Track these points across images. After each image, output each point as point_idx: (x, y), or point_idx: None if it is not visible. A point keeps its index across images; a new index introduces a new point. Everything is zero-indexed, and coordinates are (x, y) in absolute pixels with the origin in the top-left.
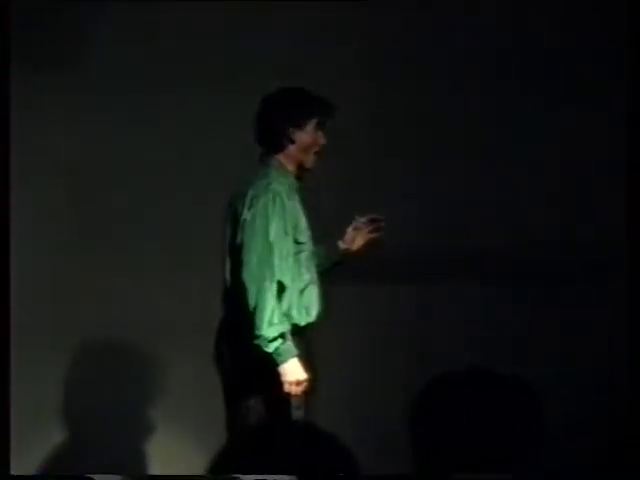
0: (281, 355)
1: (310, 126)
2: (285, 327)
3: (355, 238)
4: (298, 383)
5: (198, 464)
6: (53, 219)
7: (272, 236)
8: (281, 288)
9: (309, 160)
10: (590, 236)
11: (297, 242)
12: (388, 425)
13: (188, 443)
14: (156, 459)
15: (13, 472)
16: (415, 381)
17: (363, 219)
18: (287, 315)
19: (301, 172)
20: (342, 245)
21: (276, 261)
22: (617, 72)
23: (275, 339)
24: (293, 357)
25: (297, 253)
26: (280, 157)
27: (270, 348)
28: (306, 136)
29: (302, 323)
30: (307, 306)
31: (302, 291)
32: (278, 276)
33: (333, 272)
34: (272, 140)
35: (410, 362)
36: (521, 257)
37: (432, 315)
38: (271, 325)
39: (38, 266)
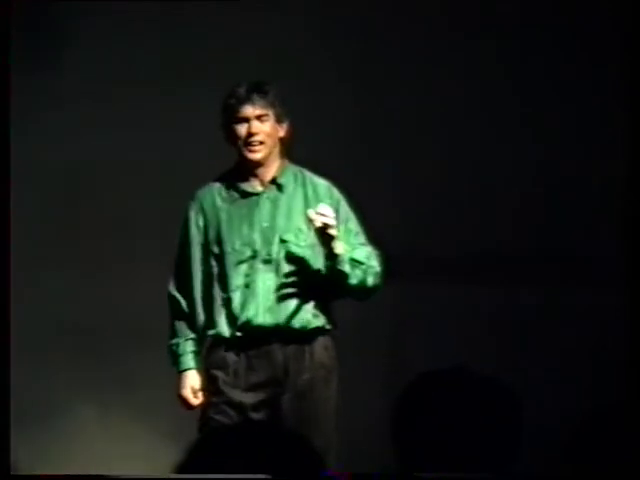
0: (175, 367)
1: (228, 122)
2: (174, 341)
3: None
4: (180, 397)
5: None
6: (53, 219)
7: (177, 254)
8: (174, 301)
9: (243, 153)
10: (587, 237)
11: (213, 253)
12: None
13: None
14: (154, 459)
15: (13, 472)
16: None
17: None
18: (192, 328)
19: (251, 166)
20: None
21: (173, 274)
22: (617, 71)
23: (167, 350)
24: (180, 371)
25: (218, 263)
26: (237, 160)
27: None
28: (227, 132)
29: (226, 334)
30: (236, 314)
31: (225, 302)
32: (170, 289)
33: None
34: None
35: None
36: (512, 258)
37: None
38: (170, 338)
39: (38, 267)
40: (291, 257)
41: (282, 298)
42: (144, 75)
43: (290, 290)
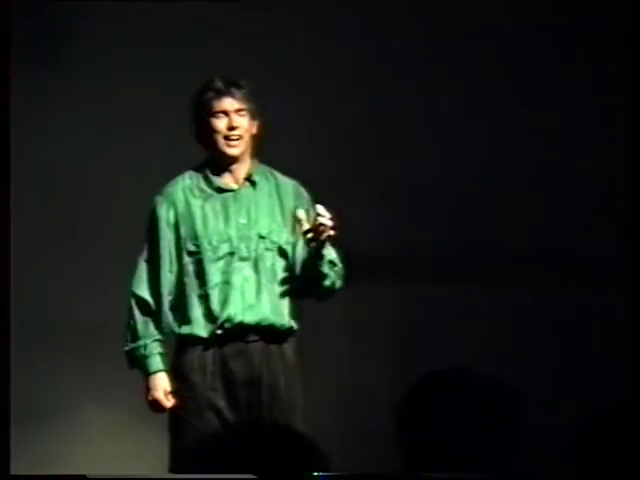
0: (142, 369)
1: (203, 116)
2: (141, 342)
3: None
4: (151, 400)
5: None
6: (53, 219)
7: (142, 252)
8: (139, 301)
9: (220, 148)
10: (587, 237)
11: (187, 250)
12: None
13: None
14: (154, 459)
15: (13, 472)
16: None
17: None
18: (159, 328)
19: (227, 163)
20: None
21: (137, 273)
22: (617, 71)
23: (128, 354)
24: (150, 373)
25: (194, 260)
26: (207, 157)
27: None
28: (202, 127)
29: (203, 333)
30: (216, 312)
31: (203, 300)
32: (134, 289)
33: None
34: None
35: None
36: (512, 258)
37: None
38: (127, 342)
39: (37, 267)
40: (270, 254)
41: (262, 296)
42: (144, 75)
43: (269, 288)
